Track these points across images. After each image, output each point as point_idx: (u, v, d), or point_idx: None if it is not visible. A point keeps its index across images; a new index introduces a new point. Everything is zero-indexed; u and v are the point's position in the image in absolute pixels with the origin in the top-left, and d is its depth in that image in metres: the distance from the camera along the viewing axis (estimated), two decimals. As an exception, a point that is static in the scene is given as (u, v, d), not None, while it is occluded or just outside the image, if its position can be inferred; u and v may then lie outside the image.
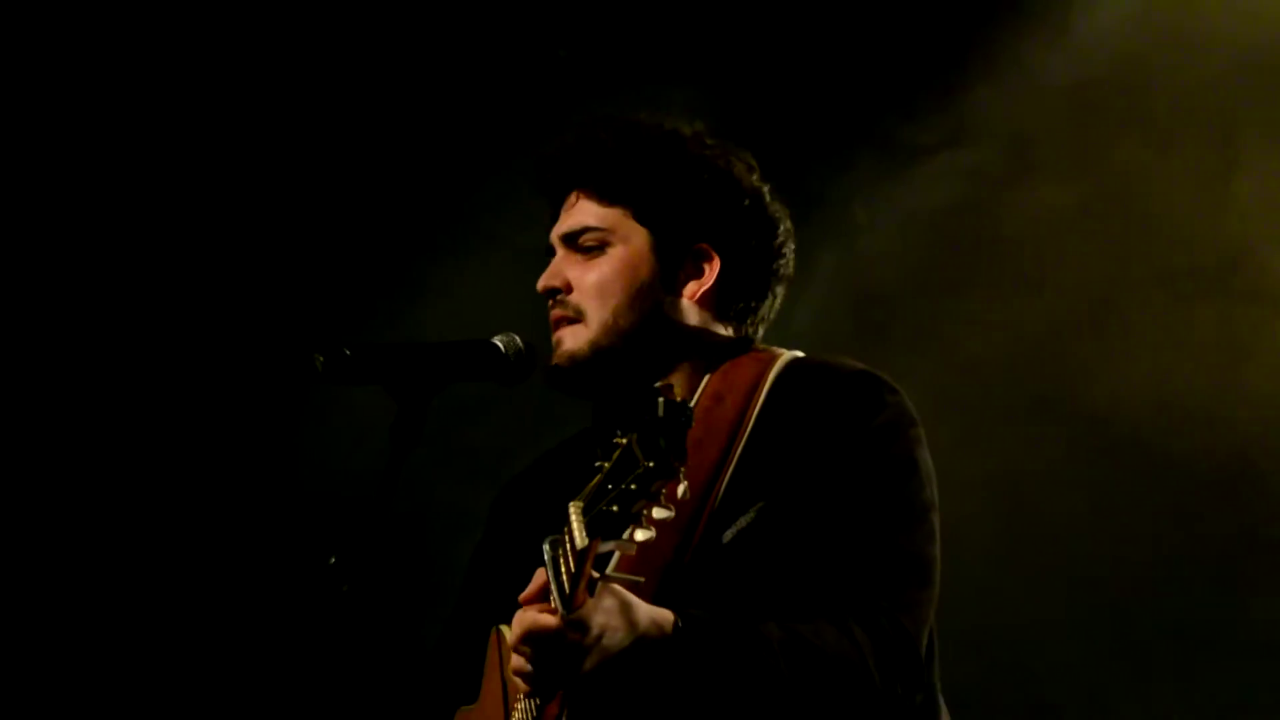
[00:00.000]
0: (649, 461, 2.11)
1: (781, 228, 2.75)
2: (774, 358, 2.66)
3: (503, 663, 2.61)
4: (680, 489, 2.14)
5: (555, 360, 2.68)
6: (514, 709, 2.52)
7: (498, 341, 2.61)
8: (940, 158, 4.95)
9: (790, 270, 2.78)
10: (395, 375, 2.53)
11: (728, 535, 2.51)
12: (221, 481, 4.93)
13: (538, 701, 2.45)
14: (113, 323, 5.02)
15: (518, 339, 2.62)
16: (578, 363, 2.66)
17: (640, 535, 2.16)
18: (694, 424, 2.28)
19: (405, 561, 3.05)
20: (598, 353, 2.65)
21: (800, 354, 2.69)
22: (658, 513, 2.15)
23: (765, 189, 2.75)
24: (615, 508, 2.14)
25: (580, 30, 4.98)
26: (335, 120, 5.03)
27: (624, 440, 2.17)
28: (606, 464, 2.19)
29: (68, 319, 5.04)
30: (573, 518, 2.20)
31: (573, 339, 2.66)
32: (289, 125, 5.04)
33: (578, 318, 2.67)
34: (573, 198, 2.72)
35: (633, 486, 2.14)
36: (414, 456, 2.53)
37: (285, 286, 4.99)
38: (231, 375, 4.95)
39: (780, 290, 2.78)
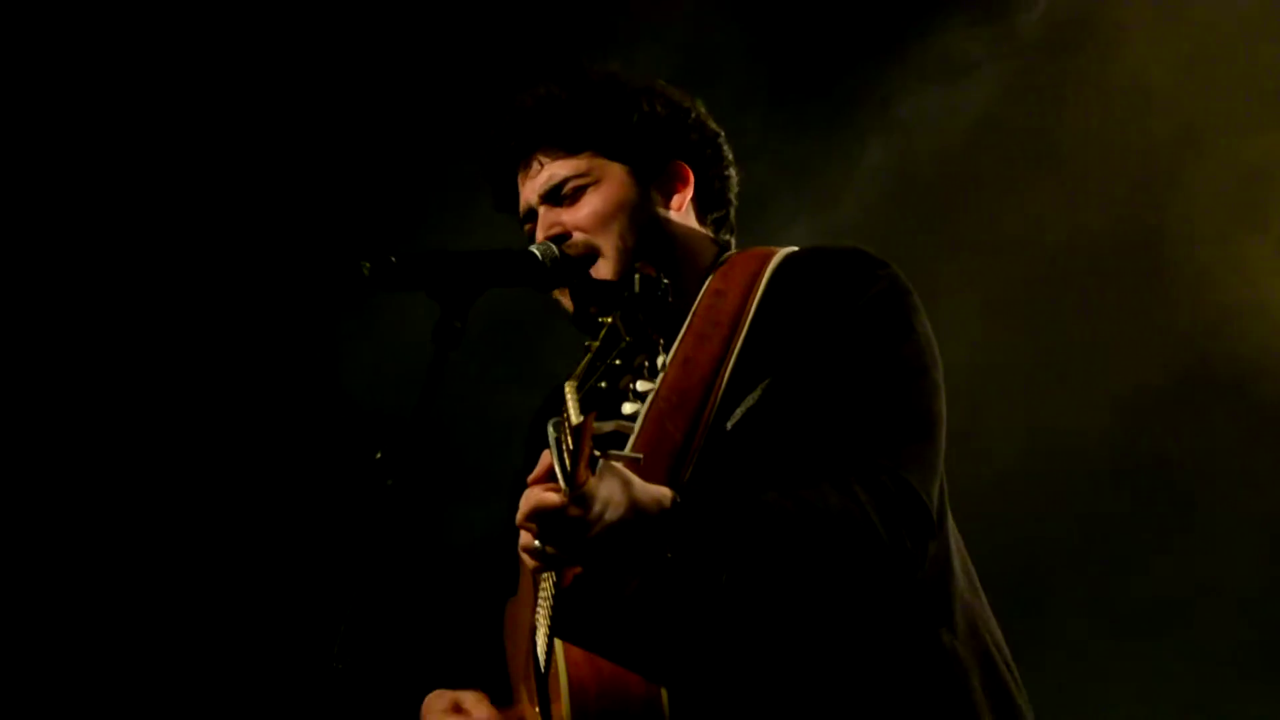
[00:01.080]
0: (629, 336, 2.21)
1: (721, 135, 2.88)
2: (772, 252, 2.74)
3: None
4: (660, 360, 2.22)
5: (574, 294, 2.74)
6: (540, 591, 2.59)
7: (534, 249, 2.71)
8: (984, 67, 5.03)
9: (737, 174, 2.91)
10: (438, 280, 2.60)
11: (735, 415, 2.57)
12: (274, 382, 5.06)
13: (554, 577, 2.52)
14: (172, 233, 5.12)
15: (555, 248, 2.71)
16: (607, 287, 2.72)
17: (628, 408, 2.27)
18: (696, 318, 2.42)
19: (448, 457, 3.14)
20: (622, 275, 2.72)
21: (796, 248, 2.76)
22: (641, 385, 2.24)
23: (699, 102, 2.88)
24: (604, 384, 2.22)
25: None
26: (388, 50, 5.15)
27: (608, 319, 2.27)
28: (594, 343, 2.28)
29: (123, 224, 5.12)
30: (568, 397, 2.26)
31: (597, 271, 2.74)
32: (344, 51, 5.15)
33: (590, 251, 2.75)
34: (535, 163, 2.81)
35: (617, 362, 2.23)
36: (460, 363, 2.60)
37: (336, 200, 5.09)
38: (284, 282, 5.05)
39: (734, 195, 2.91)
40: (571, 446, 2.26)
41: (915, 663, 2.53)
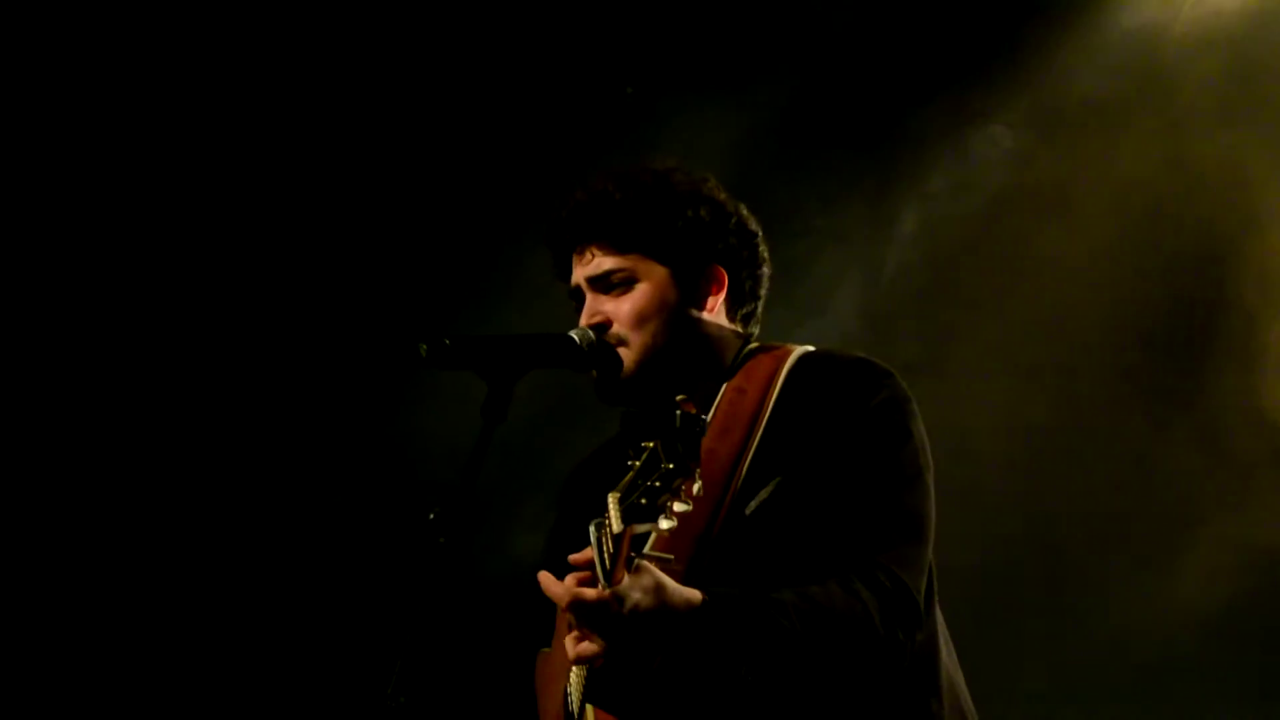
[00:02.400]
0: (669, 464, 2.40)
1: (759, 236, 3.06)
2: (788, 353, 2.95)
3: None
4: (695, 486, 2.41)
5: (604, 381, 2.93)
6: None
7: (573, 335, 2.92)
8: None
9: (769, 270, 3.09)
10: (486, 361, 2.81)
11: (750, 507, 2.77)
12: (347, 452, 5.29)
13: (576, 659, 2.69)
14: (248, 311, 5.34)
15: (591, 332, 2.93)
16: (630, 380, 2.93)
17: (664, 524, 2.42)
18: (719, 413, 2.62)
19: (490, 519, 3.36)
20: (642, 369, 2.93)
21: (811, 348, 2.98)
22: (677, 506, 2.42)
23: (741, 205, 3.06)
24: (644, 500, 2.41)
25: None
26: (442, 132, 5.35)
27: (650, 445, 2.45)
28: (637, 463, 2.47)
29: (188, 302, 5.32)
30: (611, 507, 2.46)
31: (624, 359, 2.92)
32: (396, 132, 5.36)
33: (621, 344, 2.93)
34: (589, 252, 2.98)
35: (657, 483, 2.41)
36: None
37: (394, 285, 5.31)
38: (348, 363, 5.28)
39: (765, 290, 3.09)
40: (611, 550, 2.48)
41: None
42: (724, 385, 2.90)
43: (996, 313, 5.21)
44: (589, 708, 2.70)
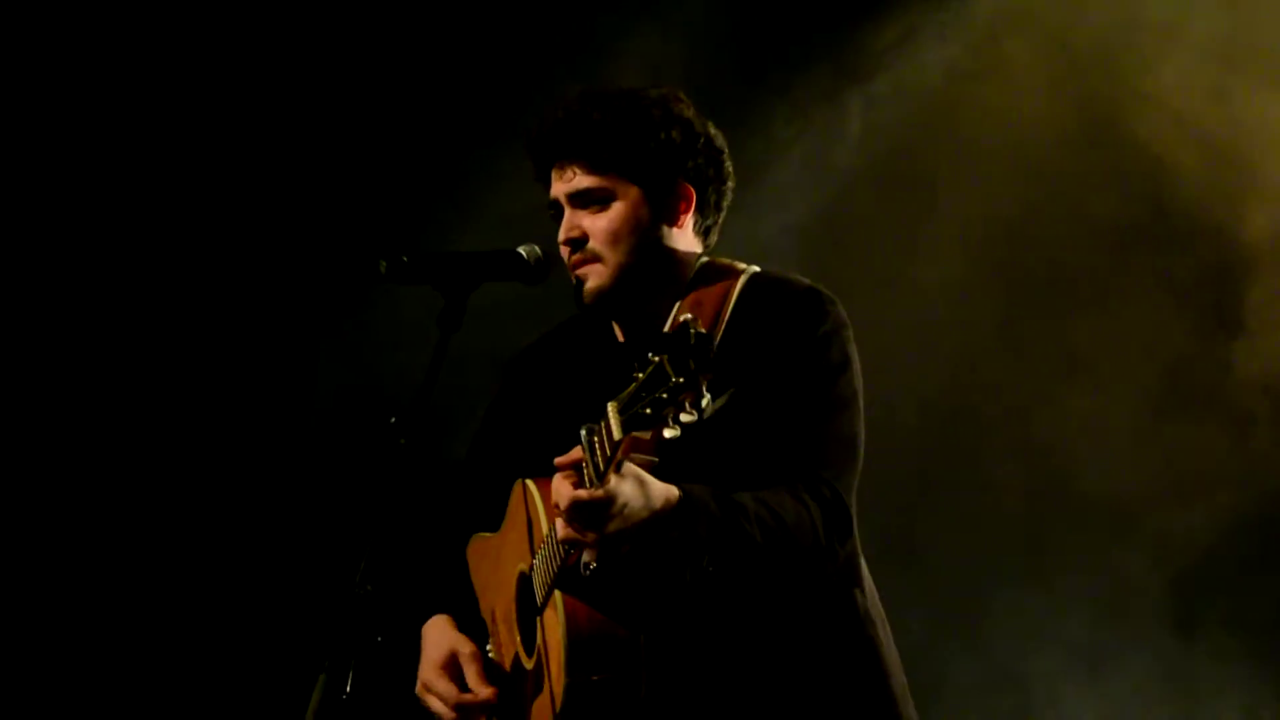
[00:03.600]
0: (679, 378, 2.52)
1: (725, 152, 3.21)
2: (738, 272, 3.11)
3: (529, 510, 3.09)
4: (705, 400, 2.55)
5: (585, 296, 3.11)
6: (538, 551, 3.00)
7: (521, 250, 3.08)
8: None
9: (733, 183, 3.24)
10: (442, 276, 2.98)
11: (708, 410, 2.82)
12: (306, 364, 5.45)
13: (563, 550, 2.88)
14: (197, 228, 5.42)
15: (537, 249, 3.10)
16: (603, 294, 3.10)
17: (668, 433, 2.57)
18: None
19: (447, 422, 3.50)
20: (616, 284, 3.09)
21: (757, 269, 3.15)
22: (684, 417, 2.56)
23: (709, 123, 3.20)
24: (648, 410, 2.55)
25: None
26: (398, 61, 5.48)
27: (656, 359, 2.55)
28: (641, 375, 2.57)
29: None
30: (610, 415, 2.59)
31: (596, 277, 3.09)
32: (360, 68, 5.49)
33: (596, 259, 3.10)
34: (569, 168, 3.12)
35: (663, 395, 2.54)
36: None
37: (354, 204, 5.46)
38: (308, 277, 5.43)
39: (728, 202, 3.25)
40: (608, 454, 2.62)
41: (839, 615, 3.03)
42: (678, 301, 3.07)
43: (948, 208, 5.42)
44: (558, 594, 2.89)
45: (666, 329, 2.68)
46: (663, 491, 2.79)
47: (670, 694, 2.90)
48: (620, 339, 3.18)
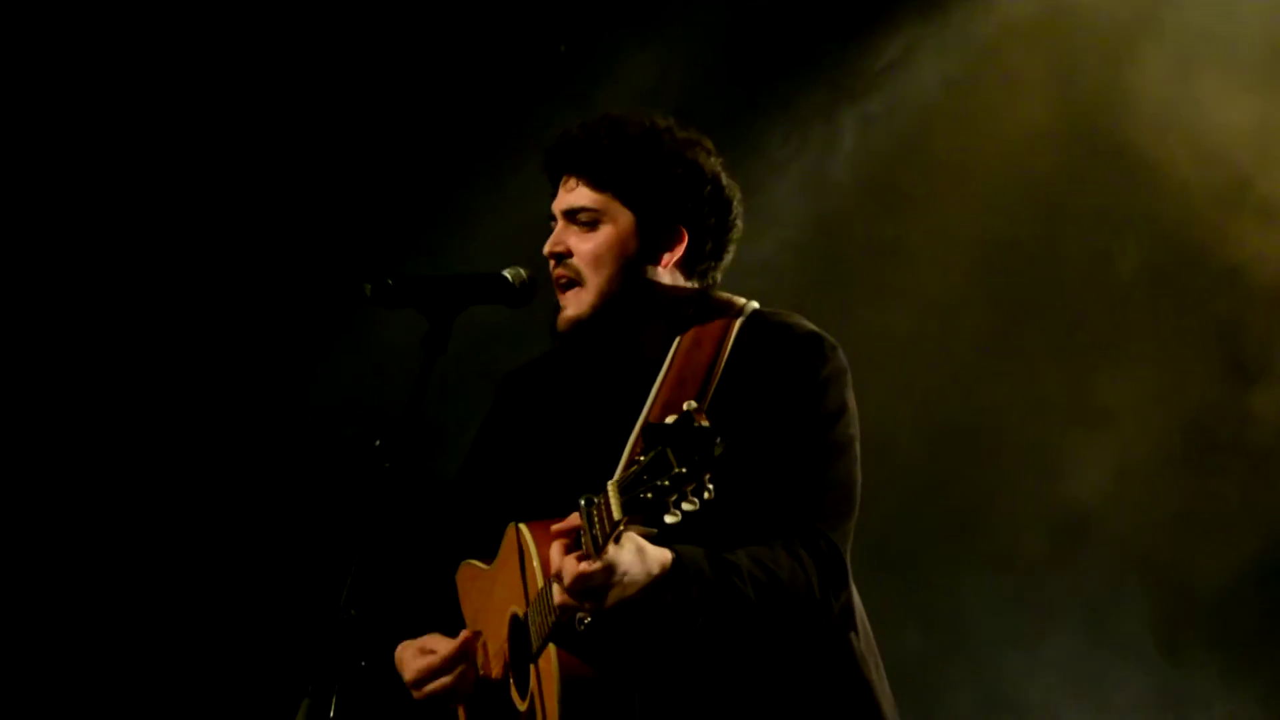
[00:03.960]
0: (682, 468, 2.54)
1: (735, 201, 3.19)
2: (737, 310, 3.13)
3: (522, 554, 3.08)
4: (707, 492, 2.57)
5: (561, 324, 3.11)
6: (532, 600, 2.99)
7: (506, 274, 3.09)
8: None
9: (741, 233, 3.22)
10: (426, 299, 2.99)
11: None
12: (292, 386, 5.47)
13: (559, 610, 2.87)
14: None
15: (523, 272, 3.10)
16: (580, 323, 3.10)
17: (669, 520, 2.59)
18: (675, 364, 2.87)
19: (433, 444, 3.51)
20: (595, 314, 3.09)
21: (756, 305, 3.16)
22: (686, 506, 2.58)
23: (722, 171, 3.18)
24: (649, 495, 2.57)
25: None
26: (393, 88, 5.51)
27: (659, 449, 2.57)
28: (642, 458, 2.60)
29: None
30: (611, 495, 2.63)
31: (575, 305, 3.09)
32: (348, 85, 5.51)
33: (577, 280, 3.10)
34: (571, 180, 3.14)
35: (665, 484, 2.55)
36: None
37: (353, 220, 5.49)
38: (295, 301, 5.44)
39: (734, 248, 3.22)
40: (607, 530, 2.66)
41: (835, 661, 3.04)
42: (677, 337, 3.08)
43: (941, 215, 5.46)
44: (552, 646, 2.90)
45: (669, 420, 2.64)
46: (658, 556, 2.80)
47: None
48: (607, 365, 3.18)
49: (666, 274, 3.15)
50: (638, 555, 2.77)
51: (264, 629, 5.09)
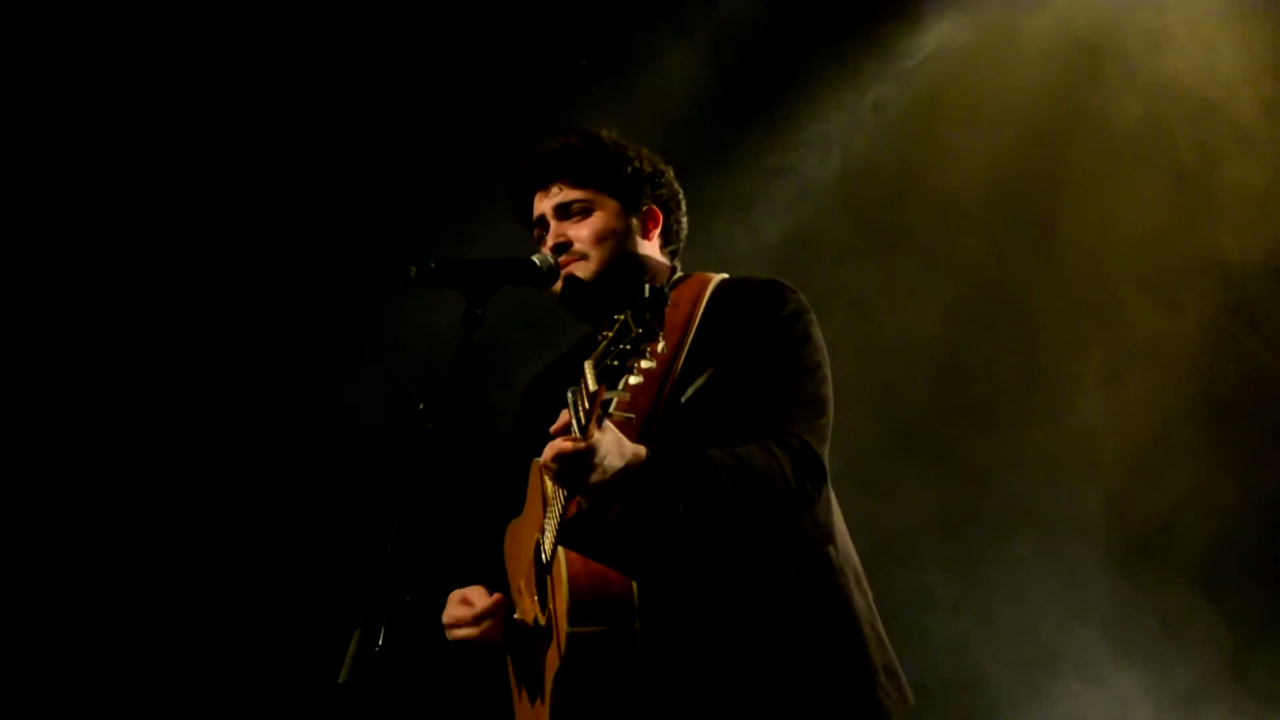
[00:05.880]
0: (638, 329, 2.72)
1: (681, 195, 3.63)
2: (710, 278, 3.46)
3: (542, 486, 3.36)
4: (659, 346, 2.73)
5: (568, 284, 3.41)
6: (548, 514, 3.26)
7: (534, 258, 3.42)
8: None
9: (687, 222, 3.65)
10: (464, 280, 3.24)
11: (686, 395, 3.25)
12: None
13: (561, 503, 3.14)
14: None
15: (549, 256, 3.44)
16: (584, 284, 3.43)
17: (633, 380, 2.77)
18: (664, 320, 3.02)
19: (471, 413, 3.62)
20: (598, 277, 3.44)
21: (726, 275, 3.48)
22: (644, 364, 2.76)
23: (669, 171, 3.61)
24: (615, 362, 2.75)
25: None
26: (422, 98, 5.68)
27: (621, 317, 2.77)
28: (609, 333, 2.78)
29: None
30: (586, 371, 2.80)
31: (581, 270, 3.43)
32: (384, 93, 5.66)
33: (583, 257, 3.44)
34: (554, 186, 3.50)
35: (626, 347, 2.74)
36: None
37: (391, 217, 5.69)
38: (343, 284, 5.65)
39: (685, 234, 3.64)
40: (587, 407, 2.83)
41: (813, 569, 3.26)
42: None
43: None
44: (560, 550, 3.12)
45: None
46: (635, 447, 3.03)
47: (660, 645, 3.13)
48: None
49: (651, 247, 3.55)
50: (617, 443, 2.98)
51: (325, 572, 5.28)
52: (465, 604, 3.47)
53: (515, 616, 3.49)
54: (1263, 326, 5.50)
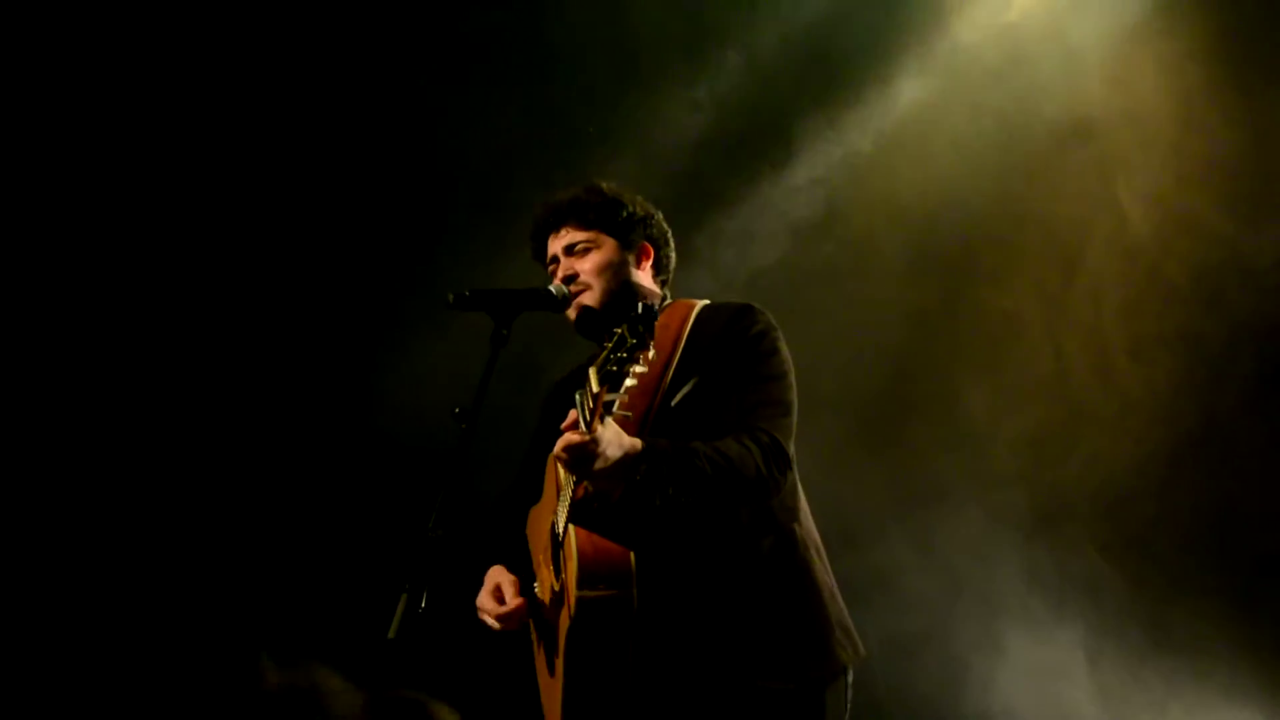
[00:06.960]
0: (634, 339, 3.03)
1: (669, 234, 3.99)
2: (693, 303, 3.77)
3: (557, 477, 3.65)
4: (651, 354, 3.06)
5: (579, 312, 3.75)
6: (561, 498, 3.54)
7: (551, 288, 3.84)
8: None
9: (675, 255, 3.98)
10: (493, 305, 3.60)
11: (676, 398, 3.54)
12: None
13: (572, 487, 3.42)
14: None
15: (564, 287, 3.85)
16: (592, 310, 3.76)
17: (629, 382, 3.07)
18: (654, 332, 3.24)
19: (497, 426, 3.96)
20: (602, 304, 3.79)
21: (707, 301, 3.78)
22: (638, 368, 3.07)
23: (659, 214, 3.97)
24: (614, 367, 3.07)
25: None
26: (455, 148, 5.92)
27: (619, 330, 3.08)
28: (609, 344, 3.10)
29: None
30: (590, 375, 3.11)
31: (590, 297, 3.78)
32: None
33: (588, 287, 3.78)
34: (564, 229, 3.85)
35: (624, 354, 3.06)
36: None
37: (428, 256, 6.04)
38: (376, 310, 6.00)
39: (673, 268, 3.97)
40: (591, 406, 3.12)
41: (780, 542, 3.54)
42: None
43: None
44: (571, 527, 3.39)
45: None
46: (632, 440, 3.32)
47: (655, 607, 3.42)
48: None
49: (645, 276, 3.86)
50: (616, 436, 3.26)
51: (375, 547, 5.50)
52: (496, 595, 3.74)
53: (535, 586, 3.76)
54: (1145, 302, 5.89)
